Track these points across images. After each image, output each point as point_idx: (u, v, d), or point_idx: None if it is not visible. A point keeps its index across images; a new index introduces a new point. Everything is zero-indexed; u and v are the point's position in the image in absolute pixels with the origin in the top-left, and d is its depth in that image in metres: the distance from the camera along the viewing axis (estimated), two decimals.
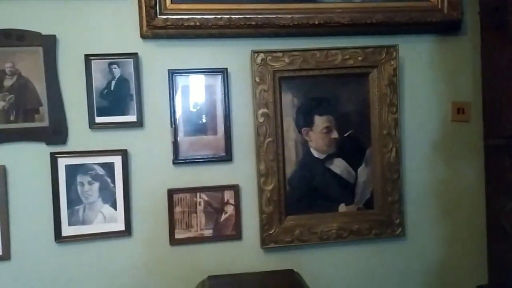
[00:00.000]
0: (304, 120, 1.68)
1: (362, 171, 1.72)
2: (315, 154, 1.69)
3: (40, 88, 1.53)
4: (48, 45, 1.52)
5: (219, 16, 1.59)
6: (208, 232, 1.65)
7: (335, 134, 1.69)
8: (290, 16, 1.63)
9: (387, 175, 1.71)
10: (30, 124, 1.53)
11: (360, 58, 1.67)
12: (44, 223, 1.56)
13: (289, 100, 1.66)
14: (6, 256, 1.54)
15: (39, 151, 1.54)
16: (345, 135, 1.70)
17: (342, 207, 1.72)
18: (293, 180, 1.68)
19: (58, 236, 1.56)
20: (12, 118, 1.52)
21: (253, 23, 1.61)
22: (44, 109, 1.53)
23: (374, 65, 1.68)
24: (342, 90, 1.69)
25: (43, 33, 1.52)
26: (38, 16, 1.52)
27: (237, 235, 1.66)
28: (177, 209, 1.62)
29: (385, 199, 1.72)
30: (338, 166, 1.70)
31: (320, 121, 1.68)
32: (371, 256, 1.74)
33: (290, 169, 1.68)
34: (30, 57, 1.52)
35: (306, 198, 1.69)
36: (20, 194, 1.55)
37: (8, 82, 1.52)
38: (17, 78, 1.52)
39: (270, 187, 1.65)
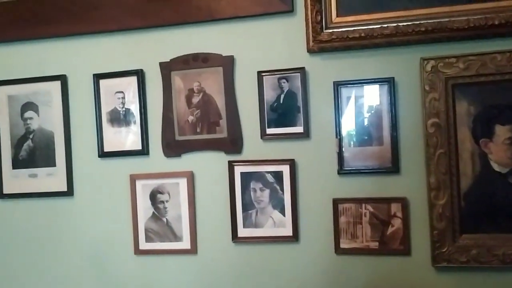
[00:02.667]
0: (483, 130, 1.42)
1: None
2: (496, 167, 1.42)
3: (220, 103, 1.60)
4: (227, 64, 1.59)
5: (385, 25, 1.46)
6: (374, 244, 1.51)
7: None
8: (465, 18, 1.41)
9: None
10: (212, 135, 1.61)
11: None
12: (223, 224, 1.62)
13: (464, 109, 1.43)
14: (194, 251, 1.65)
15: (219, 159, 1.61)
16: None
17: None
18: (469, 195, 1.44)
19: (235, 236, 1.61)
20: (198, 130, 1.62)
21: (423, 29, 1.43)
22: (223, 122, 1.60)
23: None
24: None
25: (223, 54, 1.59)
26: (219, 39, 1.60)
27: (405, 250, 1.49)
28: (342, 219, 1.53)
29: None
30: None
31: (502, 131, 1.41)
32: None
33: (465, 183, 1.44)
34: (212, 76, 1.60)
35: (485, 216, 1.43)
36: (204, 196, 1.64)
37: (195, 99, 1.62)
38: (202, 95, 1.62)
39: (442, 202, 1.44)
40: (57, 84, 1.72)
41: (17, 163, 1.76)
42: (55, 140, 1.73)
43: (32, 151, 1.75)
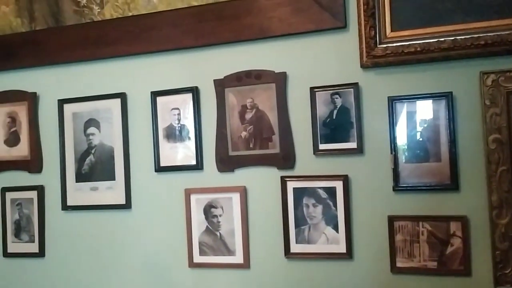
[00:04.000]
0: None
1: None
2: None
3: (273, 119, 1.60)
4: (279, 81, 1.58)
5: (442, 39, 1.40)
6: (432, 264, 1.44)
7: None
8: None
9: None
10: (264, 150, 1.61)
11: None
12: (276, 239, 1.60)
13: None
14: (246, 266, 1.63)
15: (272, 175, 1.60)
16: None
17: None
18: None
19: (287, 251, 1.58)
20: (251, 145, 1.62)
21: (482, 42, 1.37)
22: (276, 138, 1.59)
23: None
24: None
25: (276, 71, 1.59)
26: (272, 56, 1.60)
27: (465, 271, 1.41)
28: (398, 237, 1.47)
29: None
30: None
31: None
32: None
33: None
34: (265, 93, 1.60)
35: None
36: (257, 211, 1.63)
37: (248, 115, 1.63)
38: (255, 111, 1.62)
39: (504, 221, 1.36)
40: (117, 102, 1.78)
41: (80, 177, 1.82)
42: (114, 155, 1.78)
43: (94, 166, 1.81)
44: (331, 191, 1.53)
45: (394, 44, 1.45)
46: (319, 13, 1.53)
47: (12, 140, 1.90)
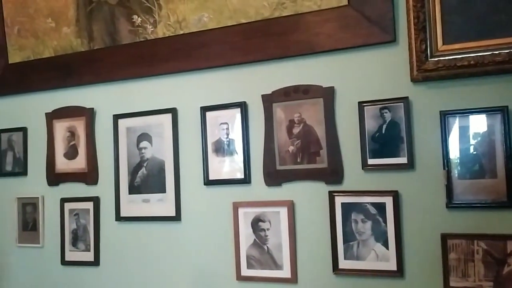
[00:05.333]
0: None
1: None
2: None
3: (321, 133, 1.59)
4: (327, 95, 1.58)
5: (496, 52, 1.35)
6: (488, 285, 1.38)
7: None
8: None
9: None
10: (312, 165, 1.60)
11: None
12: (324, 254, 1.58)
13: None
14: (294, 280, 1.62)
15: (319, 189, 1.59)
16: None
17: None
18: None
19: (336, 267, 1.56)
20: (298, 160, 1.62)
21: None
22: (323, 152, 1.58)
23: None
24: None
25: (324, 86, 1.59)
26: (319, 71, 1.60)
27: None
28: (452, 256, 1.41)
29: None
30: None
31: None
32: None
33: None
34: (312, 107, 1.60)
35: None
36: (305, 226, 1.62)
37: (296, 130, 1.63)
38: (302, 126, 1.61)
39: None
40: (168, 117, 1.83)
41: (132, 189, 1.88)
42: (165, 168, 1.83)
43: (146, 178, 1.86)
44: (381, 207, 1.50)
45: (446, 58, 1.41)
46: (367, 27, 1.51)
47: (71, 153, 1.99)
